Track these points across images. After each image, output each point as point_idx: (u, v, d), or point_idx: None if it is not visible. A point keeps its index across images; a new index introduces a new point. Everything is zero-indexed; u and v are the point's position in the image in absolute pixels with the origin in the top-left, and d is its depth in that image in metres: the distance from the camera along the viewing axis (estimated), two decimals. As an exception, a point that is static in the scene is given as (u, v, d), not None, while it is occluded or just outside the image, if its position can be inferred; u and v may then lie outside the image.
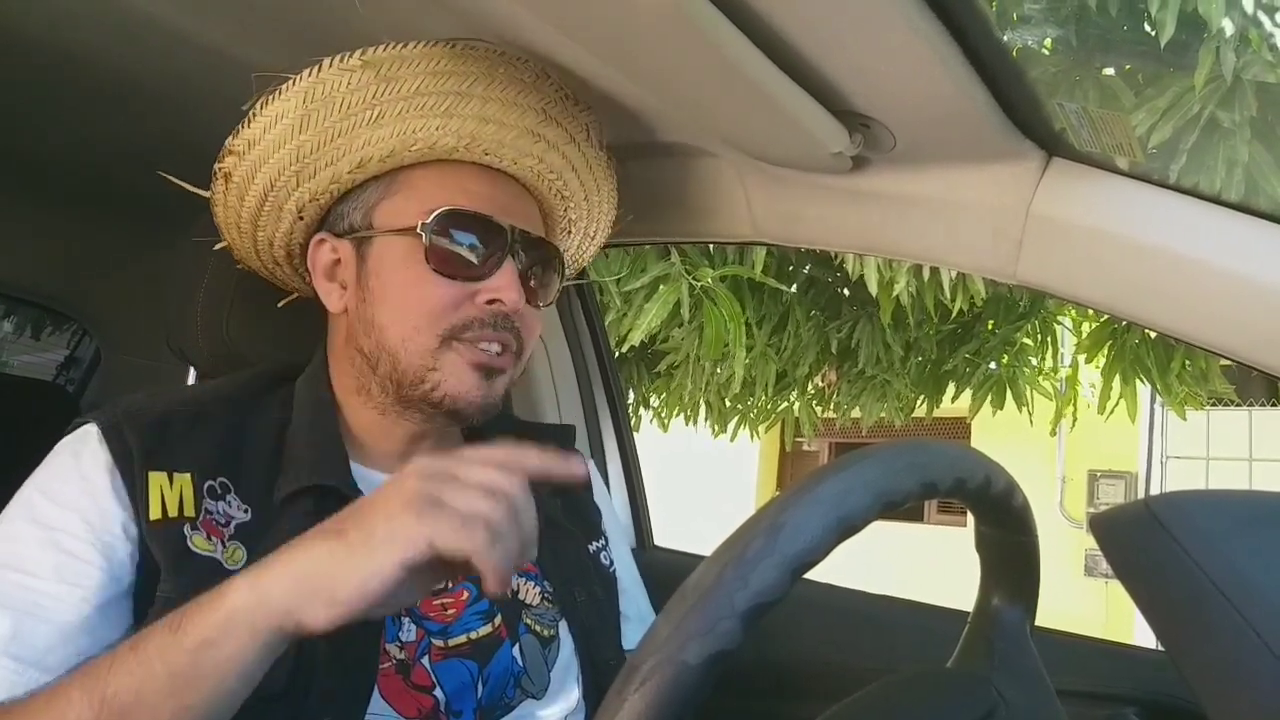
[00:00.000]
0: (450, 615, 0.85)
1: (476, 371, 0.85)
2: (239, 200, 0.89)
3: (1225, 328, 0.76)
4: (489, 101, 0.85)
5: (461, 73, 0.84)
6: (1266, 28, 2.32)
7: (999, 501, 0.58)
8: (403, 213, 0.86)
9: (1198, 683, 0.47)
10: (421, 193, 0.86)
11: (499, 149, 0.87)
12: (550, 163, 0.92)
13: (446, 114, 0.84)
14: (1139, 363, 3.43)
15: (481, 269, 0.84)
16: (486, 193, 0.87)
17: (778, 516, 0.47)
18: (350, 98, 0.82)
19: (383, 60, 0.81)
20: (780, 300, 3.65)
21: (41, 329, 2.20)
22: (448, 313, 0.84)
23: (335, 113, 0.82)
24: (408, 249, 0.84)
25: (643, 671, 0.45)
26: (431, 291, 0.83)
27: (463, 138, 0.85)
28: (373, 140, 0.84)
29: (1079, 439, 6.30)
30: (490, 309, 0.84)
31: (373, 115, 0.83)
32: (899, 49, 0.69)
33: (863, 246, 1.03)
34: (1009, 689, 0.62)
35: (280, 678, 0.72)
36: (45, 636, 0.69)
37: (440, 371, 0.84)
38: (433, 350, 0.84)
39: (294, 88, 0.81)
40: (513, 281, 0.84)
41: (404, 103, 0.82)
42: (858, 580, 1.31)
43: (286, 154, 0.84)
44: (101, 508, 0.74)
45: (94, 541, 0.73)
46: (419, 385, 0.85)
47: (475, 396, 0.85)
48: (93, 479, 0.75)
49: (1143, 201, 0.80)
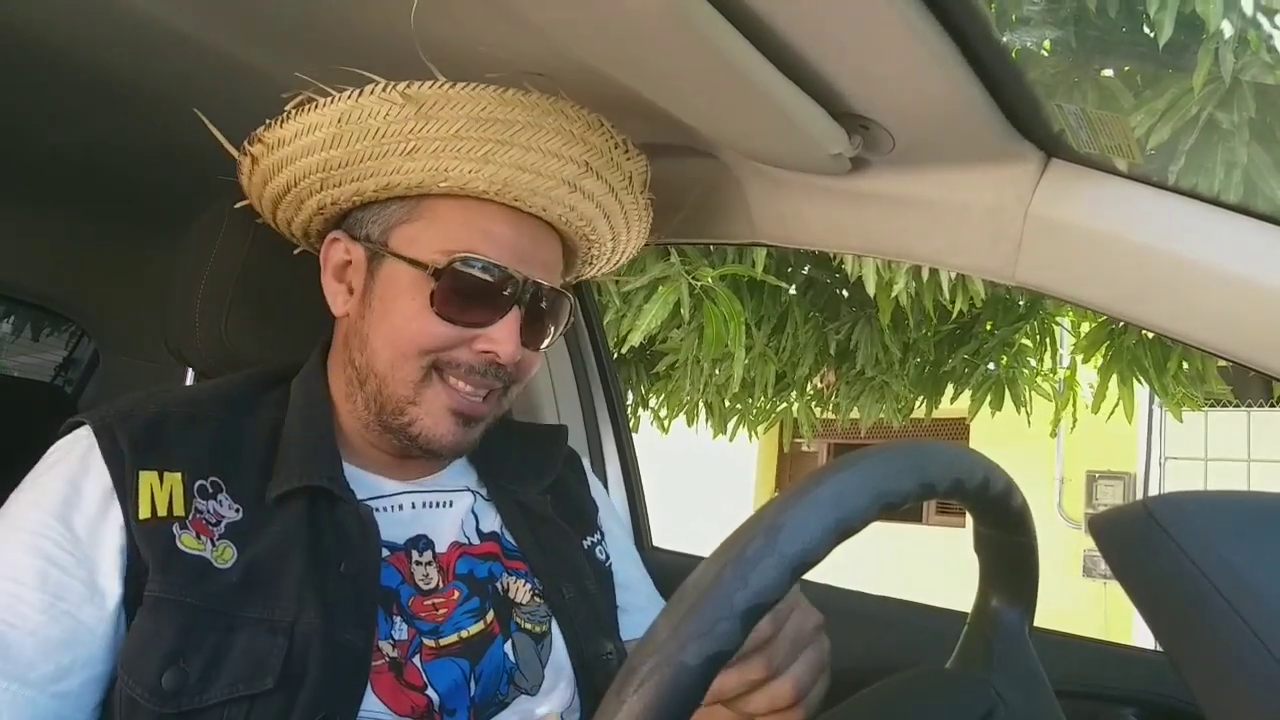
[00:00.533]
0: (441, 615, 0.85)
1: (454, 418, 0.85)
2: (263, 184, 0.90)
3: (1223, 329, 0.76)
4: (530, 151, 0.83)
5: (506, 120, 0.82)
6: (1265, 29, 2.32)
7: (997, 502, 0.59)
8: (420, 243, 0.85)
9: (1196, 683, 0.47)
10: (442, 227, 0.85)
11: (531, 196, 0.86)
12: (582, 211, 0.90)
13: (483, 160, 0.82)
14: (1136, 363, 3.43)
15: (483, 317, 0.84)
16: (508, 237, 0.86)
17: (777, 517, 0.47)
18: (387, 128, 0.81)
19: (426, 97, 0.80)
20: (779, 301, 3.65)
21: (40, 330, 2.19)
22: (440, 350, 0.84)
23: (369, 138, 0.82)
24: (416, 281, 0.83)
25: (641, 672, 0.45)
26: (429, 328, 0.83)
27: (495, 183, 0.83)
28: (403, 169, 0.83)
29: (1077, 440, 6.30)
30: (483, 357, 0.84)
31: (407, 148, 0.82)
32: (898, 51, 0.69)
33: (862, 248, 1.03)
34: (1008, 690, 0.62)
35: (273, 671, 0.72)
36: (30, 650, 0.69)
37: (420, 407, 0.85)
38: (416, 382, 0.84)
39: (331, 105, 0.80)
40: (512, 334, 0.84)
41: (440, 143, 0.81)
42: (856, 581, 1.31)
43: (313, 161, 0.85)
44: (88, 515, 0.75)
45: (79, 553, 0.73)
46: (398, 416, 0.85)
47: (449, 441, 0.86)
48: (81, 484, 0.76)
49: (1141, 203, 0.80)
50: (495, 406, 0.89)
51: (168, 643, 0.71)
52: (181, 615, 0.72)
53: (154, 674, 0.70)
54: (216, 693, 0.71)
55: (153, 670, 0.70)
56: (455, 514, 0.93)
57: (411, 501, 0.91)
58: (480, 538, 0.94)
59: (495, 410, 0.90)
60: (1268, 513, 0.50)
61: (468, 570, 0.89)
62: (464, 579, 0.89)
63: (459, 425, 0.86)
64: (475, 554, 0.92)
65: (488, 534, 0.94)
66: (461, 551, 0.91)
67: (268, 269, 1.05)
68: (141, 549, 0.74)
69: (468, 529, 0.93)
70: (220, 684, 0.71)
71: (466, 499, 0.95)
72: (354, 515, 0.83)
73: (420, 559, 0.87)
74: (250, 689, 0.71)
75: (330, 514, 0.82)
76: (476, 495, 0.96)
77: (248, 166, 0.90)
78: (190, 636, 0.72)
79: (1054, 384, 4.14)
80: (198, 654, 0.71)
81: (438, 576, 0.87)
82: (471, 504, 0.95)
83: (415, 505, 0.91)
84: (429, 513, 0.92)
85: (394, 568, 0.85)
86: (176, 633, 0.71)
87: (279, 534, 0.79)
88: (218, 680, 0.71)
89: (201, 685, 0.70)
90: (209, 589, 0.74)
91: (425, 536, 0.89)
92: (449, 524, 0.92)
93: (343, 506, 0.83)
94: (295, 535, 0.79)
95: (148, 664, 0.70)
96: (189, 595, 0.73)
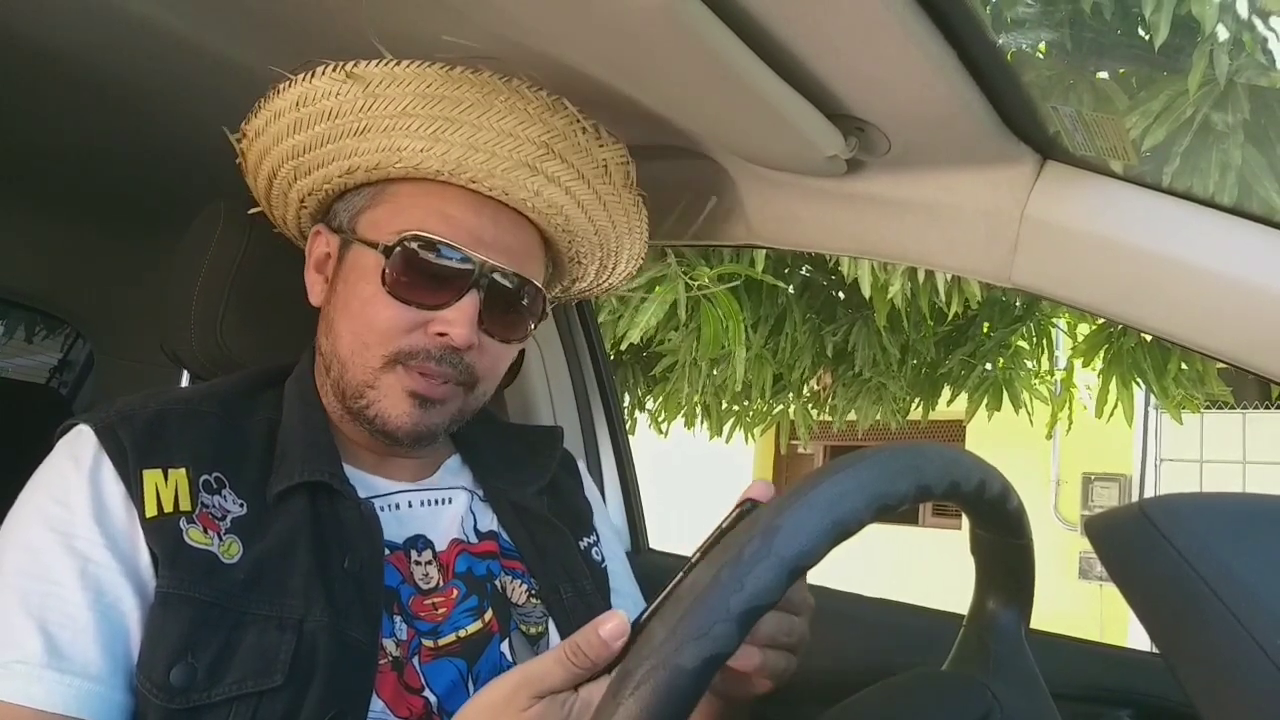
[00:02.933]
0: (441, 614, 0.85)
1: (411, 399, 0.84)
2: (254, 181, 0.93)
3: (1218, 330, 0.77)
4: (480, 130, 0.83)
5: (454, 98, 0.82)
6: (1259, 31, 2.33)
7: (994, 505, 0.59)
8: (379, 226, 0.86)
9: (1192, 685, 0.47)
10: (401, 209, 0.86)
11: (488, 178, 0.85)
12: (549, 197, 0.88)
13: (433, 138, 0.82)
14: (1135, 366, 3.44)
15: (438, 299, 0.83)
16: (468, 220, 0.85)
17: (774, 519, 0.47)
18: (339, 108, 0.82)
19: (372, 76, 0.81)
20: (776, 303, 3.65)
21: (34, 332, 2.19)
22: (396, 336, 0.83)
23: (325, 120, 0.83)
24: (373, 264, 0.84)
25: (638, 675, 0.44)
26: (383, 312, 0.83)
27: (448, 163, 0.83)
28: (359, 150, 0.84)
29: (1073, 442, 6.31)
30: (438, 341, 0.83)
31: (359, 127, 0.83)
32: (894, 53, 0.69)
33: (858, 249, 1.03)
34: (1004, 692, 0.62)
35: (281, 668, 0.72)
36: (84, 648, 0.70)
37: (378, 390, 0.84)
38: (375, 369, 0.84)
39: (289, 90, 0.82)
40: (466, 317, 0.83)
41: (390, 120, 0.82)
42: (853, 583, 1.31)
43: (284, 149, 0.87)
44: (109, 509, 0.75)
45: (109, 545, 0.73)
46: (357, 400, 0.85)
47: (406, 422, 0.85)
48: (99, 483, 0.76)
49: (1137, 204, 0.80)
50: (457, 397, 0.88)
51: (177, 639, 0.71)
52: (190, 610, 0.72)
53: (163, 670, 0.70)
54: (224, 689, 0.71)
55: (161, 666, 0.70)
56: (455, 511, 0.93)
57: (409, 500, 0.91)
58: (479, 536, 0.93)
59: (458, 402, 0.88)
60: (1263, 514, 0.50)
61: (466, 568, 0.89)
62: (463, 577, 0.88)
63: (416, 407, 0.85)
64: (475, 552, 0.91)
65: (486, 533, 0.94)
66: (461, 549, 0.90)
67: (263, 271, 1.04)
68: (152, 546, 0.74)
69: (466, 527, 0.93)
70: (228, 680, 0.71)
71: (464, 497, 0.95)
72: (355, 511, 0.83)
73: (419, 558, 0.87)
74: (258, 685, 0.71)
75: (331, 510, 0.82)
76: (473, 495, 0.96)
77: (244, 164, 0.91)
78: (199, 632, 0.72)
79: (1050, 386, 4.15)
80: (206, 650, 0.71)
81: (437, 575, 0.87)
82: (469, 503, 0.95)
83: (413, 504, 0.91)
84: (428, 510, 0.92)
85: (394, 567, 0.85)
86: (185, 628, 0.71)
87: (283, 530, 0.79)
88: (226, 676, 0.71)
89: (209, 681, 0.70)
90: (217, 584, 0.74)
91: (424, 536, 0.89)
92: (448, 521, 0.92)
93: (344, 503, 0.83)
94: (299, 531, 0.79)
95: (157, 660, 0.70)
96: (198, 590, 0.73)
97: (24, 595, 0.71)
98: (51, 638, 0.69)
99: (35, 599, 0.70)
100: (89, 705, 0.68)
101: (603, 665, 0.59)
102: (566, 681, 0.59)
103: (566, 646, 0.59)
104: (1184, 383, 3.53)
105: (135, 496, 0.75)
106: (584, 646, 0.59)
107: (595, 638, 0.58)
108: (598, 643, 0.58)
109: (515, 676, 0.61)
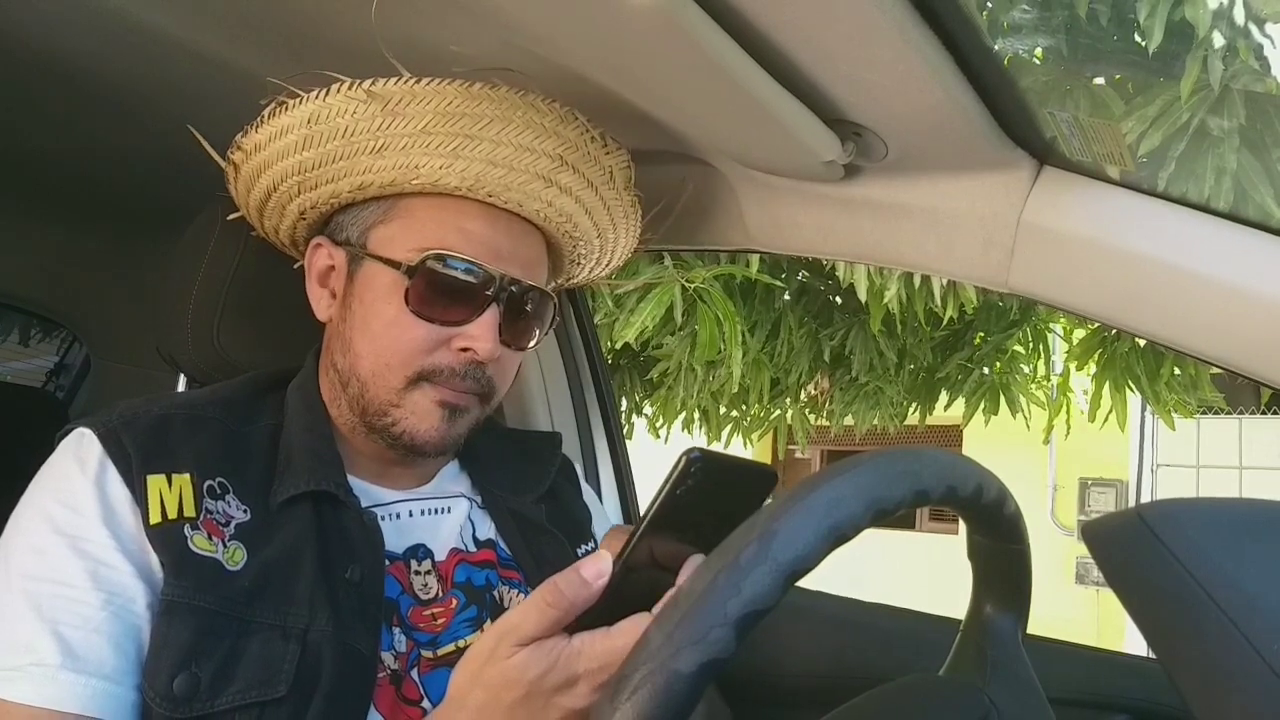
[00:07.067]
0: (440, 625, 0.85)
1: (441, 409, 0.85)
2: (247, 191, 0.91)
3: (1214, 335, 0.77)
4: (500, 145, 0.83)
5: (474, 114, 0.82)
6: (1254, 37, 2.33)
7: (991, 509, 0.59)
8: (395, 242, 0.85)
9: (1189, 690, 0.47)
10: (418, 225, 0.85)
11: (505, 191, 0.85)
12: (561, 206, 0.89)
13: (453, 154, 0.82)
14: (1129, 371, 3.44)
15: (460, 315, 0.83)
16: (484, 234, 0.85)
17: (771, 524, 0.47)
18: (355, 126, 0.81)
19: (392, 94, 0.80)
20: (772, 307, 3.65)
21: (30, 335, 2.18)
22: (420, 355, 0.83)
23: (339, 138, 0.82)
24: (392, 283, 0.83)
25: (634, 680, 0.44)
26: (408, 332, 0.83)
27: (467, 179, 0.83)
28: (374, 168, 0.83)
29: (1070, 447, 6.32)
30: (463, 357, 0.84)
31: (376, 146, 0.82)
32: (891, 58, 0.69)
33: (855, 254, 1.03)
34: (1001, 697, 0.62)
35: (285, 678, 0.72)
36: (98, 648, 0.69)
37: (403, 409, 0.84)
38: (399, 389, 0.84)
39: (300, 107, 0.81)
40: (489, 332, 0.83)
41: (409, 139, 0.81)
42: (850, 587, 1.31)
43: (289, 165, 0.85)
44: (118, 513, 0.74)
45: (120, 548, 0.73)
46: (381, 418, 0.85)
47: (434, 435, 0.85)
48: (103, 485, 0.75)
49: (1133, 210, 0.80)
50: (477, 406, 0.88)
51: (180, 647, 0.70)
52: (195, 619, 0.72)
53: (166, 679, 0.69)
54: (228, 699, 0.70)
55: (165, 675, 0.69)
56: (454, 520, 0.93)
57: (409, 509, 0.91)
58: (477, 545, 0.93)
59: (477, 411, 0.89)
60: (1259, 519, 0.50)
61: (465, 578, 0.89)
62: (462, 587, 0.88)
63: (445, 416, 0.85)
64: (473, 561, 0.91)
65: (484, 541, 0.94)
66: (460, 558, 0.90)
67: (260, 275, 1.04)
68: (157, 552, 0.74)
69: (465, 536, 0.93)
70: (232, 690, 0.70)
71: (463, 505, 0.95)
72: (358, 521, 0.82)
73: (419, 568, 0.87)
74: (262, 695, 0.71)
75: (335, 520, 0.82)
76: (472, 503, 0.96)
77: (233, 175, 0.90)
78: (204, 641, 0.71)
79: (1047, 390, 4.15)
80: (210, 659, 0.71)
81: (436, 585, 0.87)
82: (468, 510, 0.95)
83: (413, 513, 0.91)
84: (427, 520, 0.91)
85: (394, 577, 0.84)
86: (190, 637, 0.71)
87: (288, 538, 0.78)
88: (229, 686, 0.70)
89: (213, 691, 0.70)
90: (222, 592, 0.73)
91: (424, 545, 0.89)
92: (448, 530, 0.92)
93: (347, 513, 0.83)
94: (305, 540, 0.79)
95: (160, 668, 0.70)
96: (202, 599, 0.72)
97: (34, 598, 0.70)
98: (65, 639, 0.69)
99: (46, 601, 0.70)
100: (105, 705, 0.68)
101: (582, 606, 0.59)
102: (546, 626, 0.59)
103: (545, 588, 0.59)
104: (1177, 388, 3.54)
105: (140, 502, 0.75)
106: (563, 586, 0.58)
107: (575, 576, 0.58)
108: (578, 581, 0.58)
109: (495, 629, 0.60)
